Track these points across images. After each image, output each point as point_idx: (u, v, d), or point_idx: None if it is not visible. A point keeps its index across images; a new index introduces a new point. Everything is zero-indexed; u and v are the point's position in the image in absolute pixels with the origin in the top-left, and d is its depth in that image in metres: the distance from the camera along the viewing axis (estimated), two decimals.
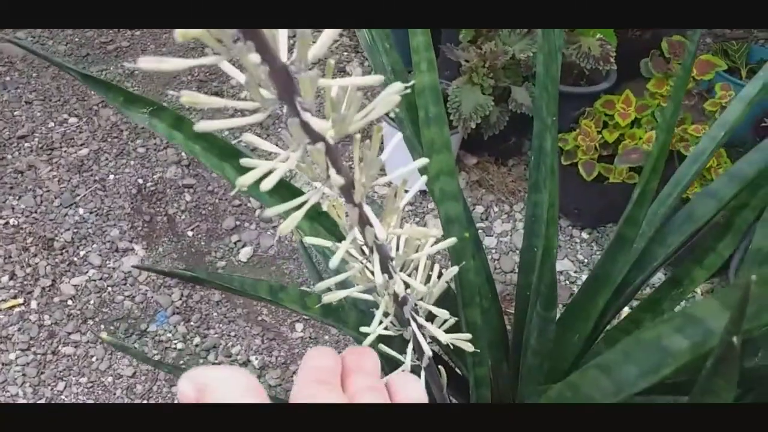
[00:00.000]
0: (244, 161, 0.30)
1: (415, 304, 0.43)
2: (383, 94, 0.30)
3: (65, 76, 1.75)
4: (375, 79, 0.28)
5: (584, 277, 1.40)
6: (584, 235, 1.48)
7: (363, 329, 0.42)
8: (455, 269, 0.43)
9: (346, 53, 1.86)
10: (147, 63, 0.23)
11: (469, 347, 0.43)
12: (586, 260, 1.43)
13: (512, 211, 1.53)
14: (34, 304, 1.31)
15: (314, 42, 0.26)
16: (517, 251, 1.45)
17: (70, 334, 1.26)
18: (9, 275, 1.36)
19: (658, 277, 1.29)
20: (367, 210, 0.34)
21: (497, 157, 1.61)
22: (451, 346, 0.45)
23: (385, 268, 0.38)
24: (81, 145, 1.61)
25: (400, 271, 0.40)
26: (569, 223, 1.49)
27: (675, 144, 1.25)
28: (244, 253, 1.43)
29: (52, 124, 1.65)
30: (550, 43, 0.64)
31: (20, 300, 1.32)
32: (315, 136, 0.28)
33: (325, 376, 0.29)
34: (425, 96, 0.55)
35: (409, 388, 0.31)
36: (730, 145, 1.42)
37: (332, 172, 0.30)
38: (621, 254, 0.66)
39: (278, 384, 1.20)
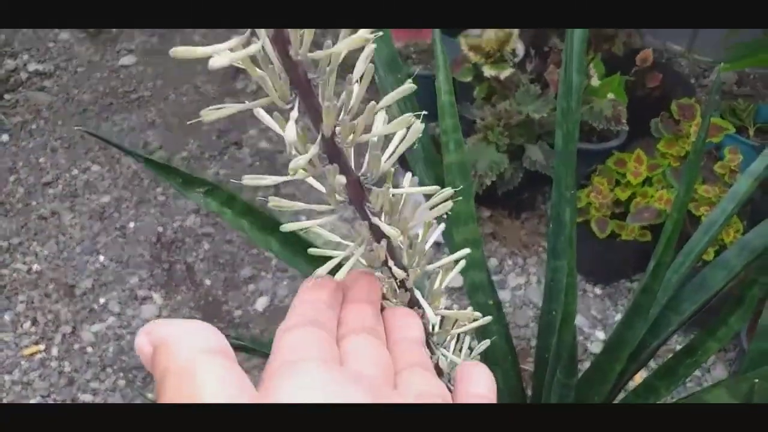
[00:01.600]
0: (312, 251, 0.33)
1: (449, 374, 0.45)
2: (434, 200, 0.33)
3: (90, 125, 1.80)
4: (432, 189, 0.32)
5: (598, 333, 1.41)
6: (597, 291, 1.49)
7: None
8: (487, 342, 0.46)
9: None
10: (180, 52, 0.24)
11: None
12: (599, 316, 1.44)
13: (526, 264, 1.55)
14: (54, 351, 1.33)
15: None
16: (531, 305, 1.47)
17: (89, 381, 1.27)
18: (31, 321, 1.38)
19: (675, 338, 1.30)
20: (418, 294, 0.37)
21: (511, 210, 1.64)
22: None
23: (427, 345, 0.40)
24: (103, 192, 1.65)
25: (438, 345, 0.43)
26: (582, 279, 1.51)
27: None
28: (261, 303, 1.45)
29: (76, 171, 1.70)
30: (569, 122, 0.67)
31: (41, 346, 1.34)
32: (379, 236, 0.31)
33: (319, 314, 0.26)
34: (453, 172, 0.58)
35: (477, 379, 0.28)
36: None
37: (392, 263, 0.34)
38: (638, 321, 0.68)
39: None
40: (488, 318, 0.43)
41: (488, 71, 1.47)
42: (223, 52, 0.24)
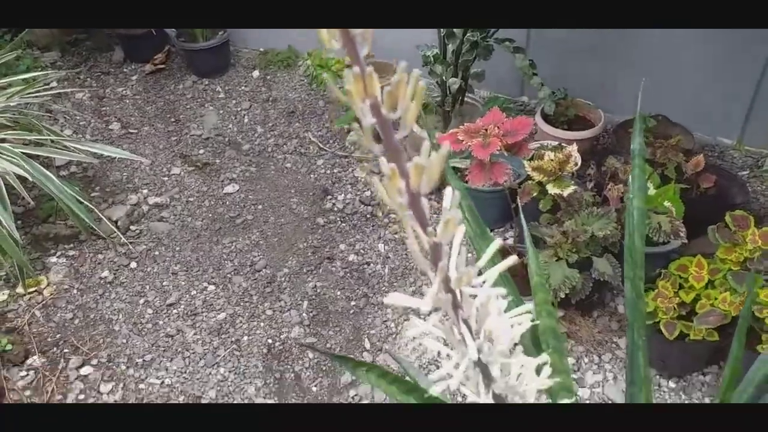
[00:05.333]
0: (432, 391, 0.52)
1: None
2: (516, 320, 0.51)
3: (203, 249, 2.08)
4: (526, 308, 0.50)
5: None
6: (671, 384, 1.60)
7: None
8: None
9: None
10: (394, 299, 0.43)
11: None
12: None
13: (601, 361, 1.68)
14: None
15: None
16: (610, 401, 1.59)
17: None
18: None
19: None
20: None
21: (583, 310, 1.78)
22: None
23: None
24: (219, 309, 1.90)
25: None
26: (656, 373, 1.62)
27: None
28: None
29: (194, 291, 1.96)
30: (635, 274, 0.85)
31: None
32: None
33: None
34: (546, 335, 0.76)
35: None
36: None
37: (485, 387, 0.51)
38: None
39: None
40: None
41: (552, 189, 1.66)
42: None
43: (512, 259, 0.42)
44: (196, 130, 2.59)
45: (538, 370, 0.46)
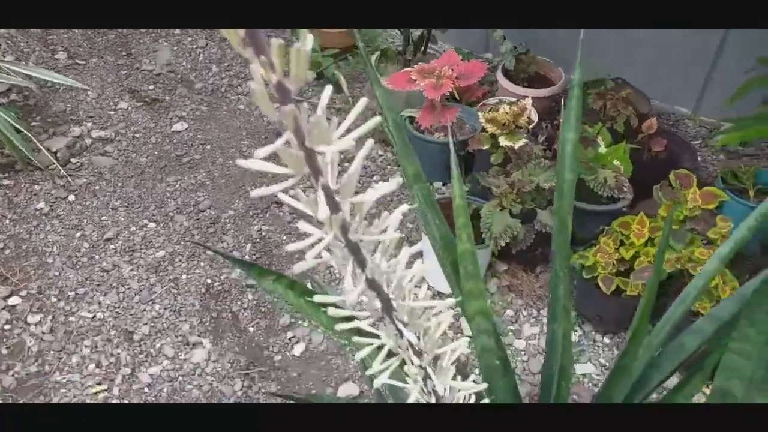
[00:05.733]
0: (340, 326, 0.49)
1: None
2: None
3: (146, 186, 2.01)
4: (448, 303, 0.48)
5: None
6: (606, 340, 1.62)
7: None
8: (485, 385, 0.61)
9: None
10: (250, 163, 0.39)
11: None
12: (607, 364, 1.56)
13: (540, 315, 1.69)
14: (116, 391, 1.50)
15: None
16: (544, 354, 1.60)
17: None
18: (95, 363, 1.56)
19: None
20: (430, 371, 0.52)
21: (526, 265, 1.78)
22: None
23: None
24: (158, 247, 1.84)
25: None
26: (592, 329, 1.64)
27: (684, 264, 1.41)
28: (298, 349, 1.61)
29: (134, 228, 1.90)
30: (561, 205, 0.83)
31: (104, 386, 1.51)
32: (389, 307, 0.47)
33: None
34: (465, 258, 0.74)
35: None
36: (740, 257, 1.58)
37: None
38: (622, 380, 0.82)
39: None
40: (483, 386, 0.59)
41: (504, 141, 1.64)
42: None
43: (375, 120, 0.38)
44: (147, 65, 2.49)
45: (411, 263, 0.43)
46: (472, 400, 0.58)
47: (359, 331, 0.49)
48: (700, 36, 2.08)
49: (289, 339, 1.64)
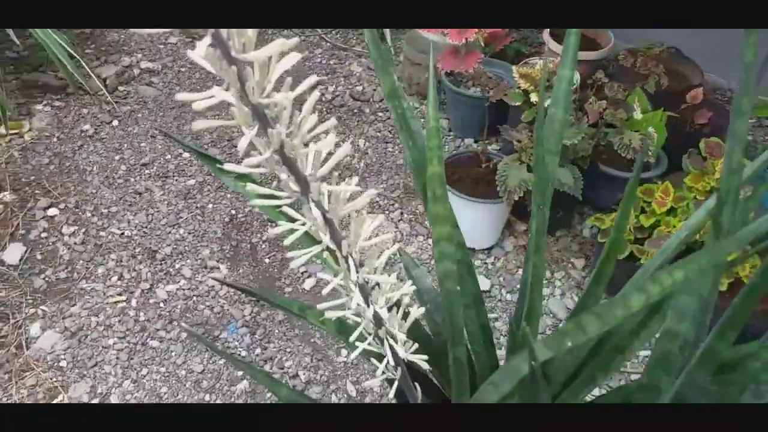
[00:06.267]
0: (255, 202, 0.51)
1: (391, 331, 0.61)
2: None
3: (185, 118, 2.08)
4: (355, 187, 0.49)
5: None
6: None
7: (357, 343, 0.61)
8: (422, 310, 0.62)
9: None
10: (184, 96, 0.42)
11: (425, 366, 0.61)
12: None
13: (553, 278, 1.67)
14: (134, 302, 1.59)
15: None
16: (551, 315, 1.58)
17: (158, 330, 1.52)
18: (118, 276, 1.65)
19: None
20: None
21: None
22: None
23: (366, 302, 0.57)
24: (189, 176, 1.91)
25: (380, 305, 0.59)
26: (605, 296, 1.60)
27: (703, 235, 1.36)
28: (308, 283, 1.64)
29: (169, 156, 1.97)
30: (540, 136, 0.82)
31: (124, 297, 1.60)
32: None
33: None
34: (433, 182, 0.74)
35: None
36: None
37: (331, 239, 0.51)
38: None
39: (319, 399, 1.39)
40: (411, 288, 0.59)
41: (534, 98, 1.60)
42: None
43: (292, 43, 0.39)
44: None
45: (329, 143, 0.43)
46: (412, 313, 0.59)
47: (283, 214, 0.51)
48: None
49: (302, 274, 1.68)
